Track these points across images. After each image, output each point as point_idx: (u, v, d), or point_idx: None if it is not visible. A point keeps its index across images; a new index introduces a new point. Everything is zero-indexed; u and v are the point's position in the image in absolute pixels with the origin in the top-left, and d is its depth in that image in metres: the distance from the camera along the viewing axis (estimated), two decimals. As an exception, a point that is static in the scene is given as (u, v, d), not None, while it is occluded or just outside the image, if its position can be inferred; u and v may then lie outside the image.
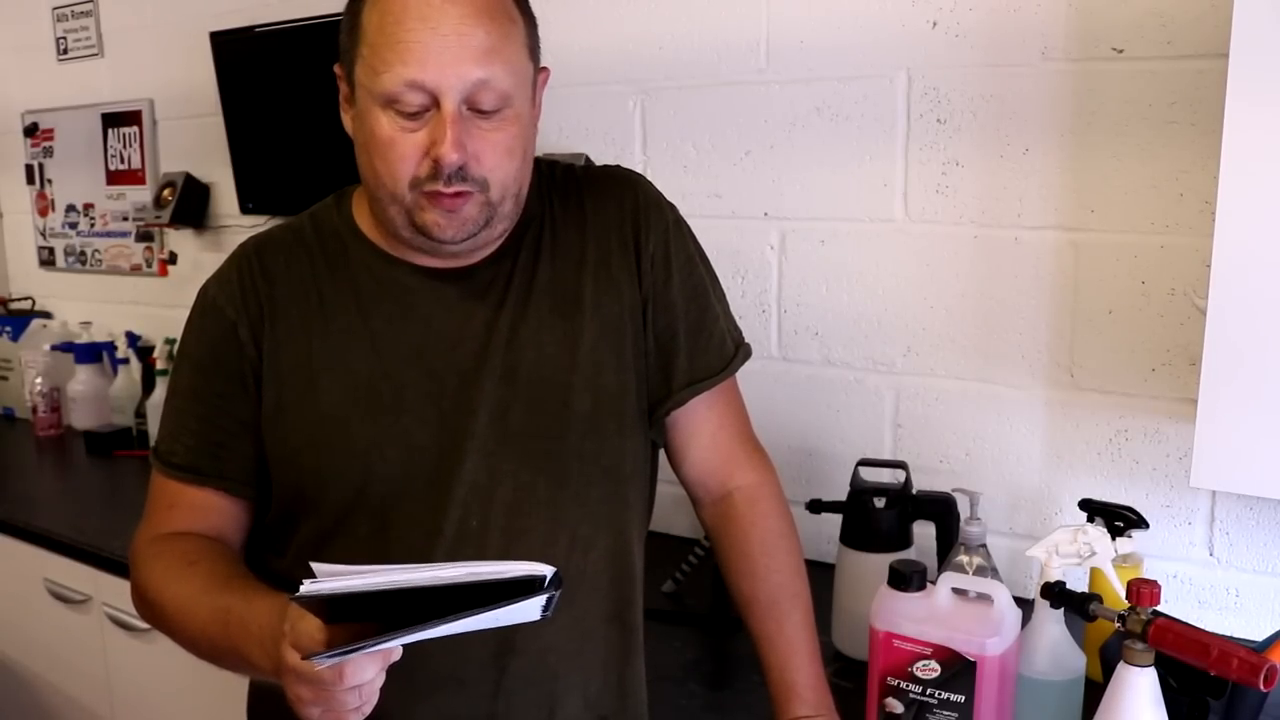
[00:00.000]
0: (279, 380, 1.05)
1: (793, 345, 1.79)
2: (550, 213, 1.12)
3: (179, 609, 1.00)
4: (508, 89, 0.97)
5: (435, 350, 1.05)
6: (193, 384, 1.09)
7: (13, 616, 2.24)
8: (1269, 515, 1.43)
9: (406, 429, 1.04)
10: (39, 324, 2.98)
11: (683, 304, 1.14)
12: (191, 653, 1.01)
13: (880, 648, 1.13)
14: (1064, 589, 1.12)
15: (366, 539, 1.04)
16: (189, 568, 1.01)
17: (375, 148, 0.98)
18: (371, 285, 1.07)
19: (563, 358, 1.08)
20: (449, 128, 0.94)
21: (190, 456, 1.07)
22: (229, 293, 1.07)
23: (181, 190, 2.62)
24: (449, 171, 0.95)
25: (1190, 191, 1.41)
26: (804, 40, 1.70)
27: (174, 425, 1.10)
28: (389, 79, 0.94)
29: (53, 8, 2.92)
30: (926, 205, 1.63)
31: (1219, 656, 0.92)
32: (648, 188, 1.16)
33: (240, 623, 0.91)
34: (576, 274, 1.10)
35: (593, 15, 1.88)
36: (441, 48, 0.93)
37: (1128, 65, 1.44)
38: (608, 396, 1.10)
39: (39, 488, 2.50)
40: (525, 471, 1.06)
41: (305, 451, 1.05)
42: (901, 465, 1.50)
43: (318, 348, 1.05)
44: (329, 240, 1.09)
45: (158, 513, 1.09)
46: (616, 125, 1.91)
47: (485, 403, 1.05)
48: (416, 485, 1.04)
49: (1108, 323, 1.50)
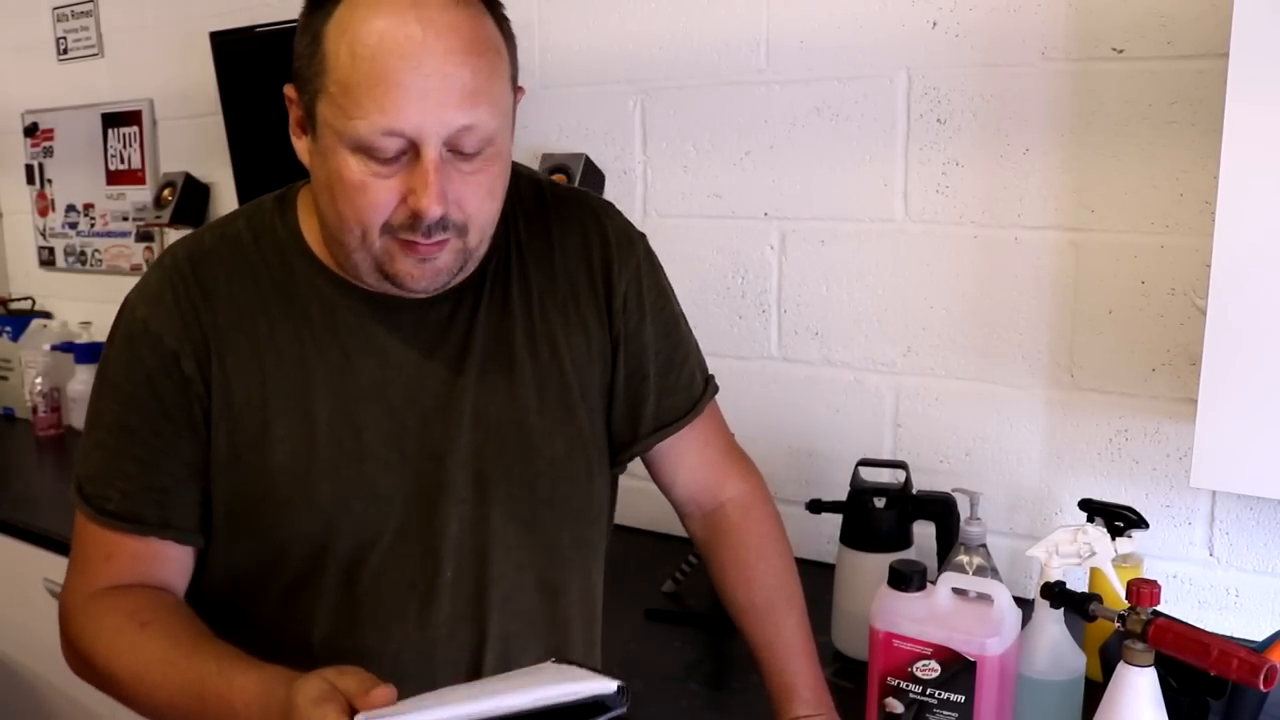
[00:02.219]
0: (230, 421, 0.96)
1: (793, 345, 1.79)
2: (517, 240, 1.05)
3: (136, 678, 0.92)
4: (492, 131, 0.89)
5: (394, 386, 0.99)
6: (124, 421, 0.96)
7: (13, 616, 2.24)
8: (1269, 515, 1.43)
9: (370, 479, 0.98)
10: (39, 324, 2.97)
11: (654, 343, 1.11)
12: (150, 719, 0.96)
13: (880, 648, 1.13)
14: (1064, 589, 1.12)
15: (334, 590, 1.00)
16: (142, 630, 0.92)
17: (341, 191, 0.88)
18: (322, 315, 0.98)
19: (533, 400, 1.03)
20: (431, 177, 0.86)
21: (128, 504, 0.96)
22: (165, 317, 0.96)
23: (181, 190, 2.62)
24: (429, 224, 0.87)
25: (1190, 191, 1.41)
26: (804, 40, 1.70)
27: (102, 465, 0.97)
28: (363, 126, 0.84)
29: (53, 8, 2.92)
30: (926, 205, 1.62)
31: (1219, 656, 0.92)
32: (617, 219, 1.11)
33: (219, 699, 0.85)
34: (544, 313, 1.05)
35: (593, 15, 1.88)
36: (424, 90, 0.83)
37: (1128, 65, 1.44)
38: (579, 440, 1.07)
39: (39, 488, 2.50)
40: (497, 518, 1.02)
41: (263, 506, 0.97)
42: (901, 465, 1.50)
43: (271, 386, 0.96)
44: (272, 256, 0.99)
45: (93, 564, 0.98)
46: (616, 125, 1.91)
47: (454, 448, 1.00)
48: (385, 538, 0.99)
49: (1108, 323, 1.50)
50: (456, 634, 1.03)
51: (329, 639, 1.00)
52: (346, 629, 1.01)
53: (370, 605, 1.00)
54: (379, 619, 1.01)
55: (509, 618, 1.05)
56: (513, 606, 1.05)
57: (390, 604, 1.01)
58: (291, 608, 1.01)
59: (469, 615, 1.03)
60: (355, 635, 1.00)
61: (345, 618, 1.01)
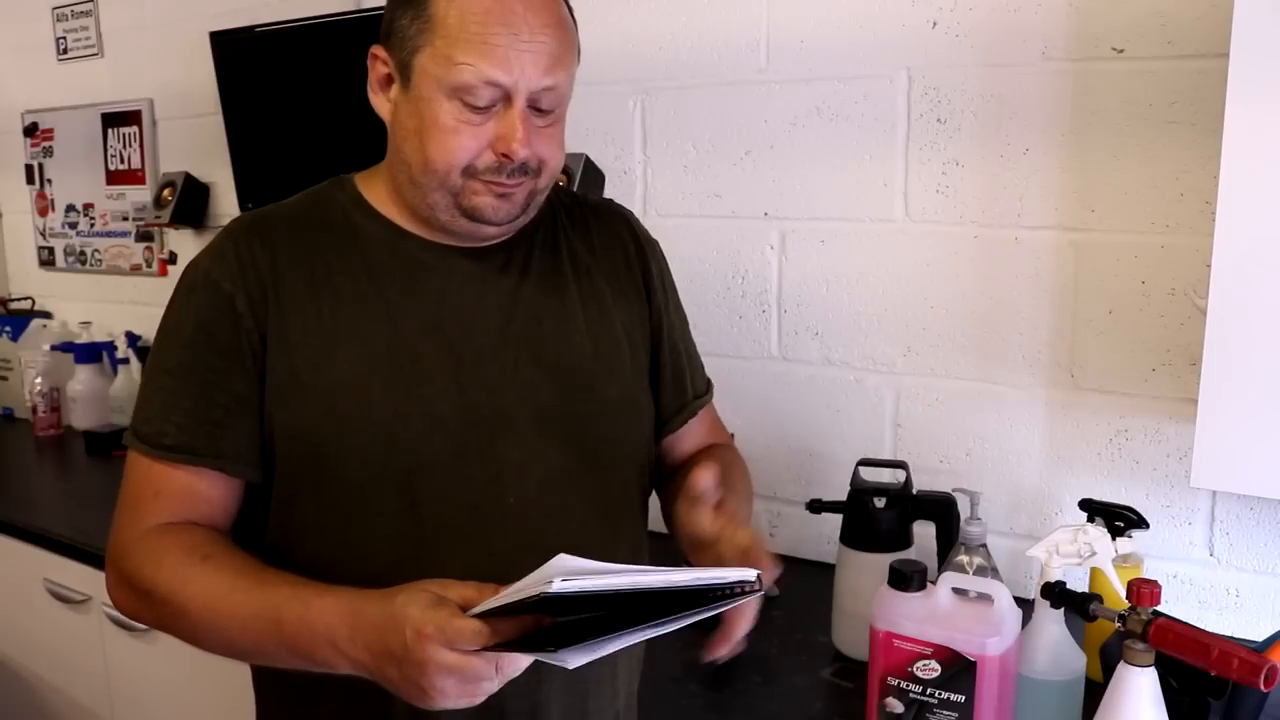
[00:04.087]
0: (288, 351, 1.02)
1: (793, 345, 1.79)
2: (559, 219, 1.15)
3: (206, 608, 0.94)
4: (565, 93, 1.04)
5: (451, 324, 1.05)
6: (181, 361, 1.03)
7: (13, 616, 2.24)
8: (1269, 515, 1.43)
9: (428, 399, 1.03)
10: (39, 324, 2.98)
11: (680, 328, 1.23)
12: (216, 651, 0.97)
13: (881, 648, 1.13)
14: (1064, 589, 1.12)
15: (395, 516, 1.02)
16: (205, 562, 0.96)
17: (433, 133, 0.99)
18: (383, 257, 1.06)
19: (588, 346, 1.10)
20: (520, 127, 0.98)
21: (183, 436, 1.01)
22: (223, 266, 1.03)
23: (181, 190, 2.62)
24: (517, 166, 1.00)
25: (1190, 191, 1.41)
26: (804, 40, 1.70)
27: (160, 405, 1.03)
28: (469, 73, 0.96)
29: (53, 8, 2.92)
30: (927, 205, 1.63)
31: (1219, 656, 0.92)
32: (640, 224, 1.23)
33: (298, 621, 0.88)
34: (591, 280, 1.14)
35: (593, 15, 1.87)
36: (520, 52, 0.97)
37: (1128, 65, 1.44)
38: (630, 391, 1.13)
39: (39, 488, 2.50)
40: (559, 452, 1.06)
41: (324, 423, 1.01)
42: (901, 465, 1.50)
43: (329, 318, 1.03)
44: (333, 214, 1.08)
45: (144, 502, 1.02)
46: (616, 125, 1.91)
47: (513, 383, 1.05)
48: (444, 458, 1.02)
49: (1108, 323, 1.50)
50: (523, 564, 1.03)
51: (392, 569, 0.98)
52: (411, 556, 1.01)
53: (432, 529, 1.02)
54: (441, 544, 1.02)
55: (575, 550, 1.06)
56: (577, 539, 1.05)
57: (454, 527, 1.02)
58: (353, 538, 1.02)
59: (535, 545, 1.02)
60: (419, 563, 0.99)
61: (409, 543, 1.02)
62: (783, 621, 1.56)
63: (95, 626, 2.02)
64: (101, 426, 2.65)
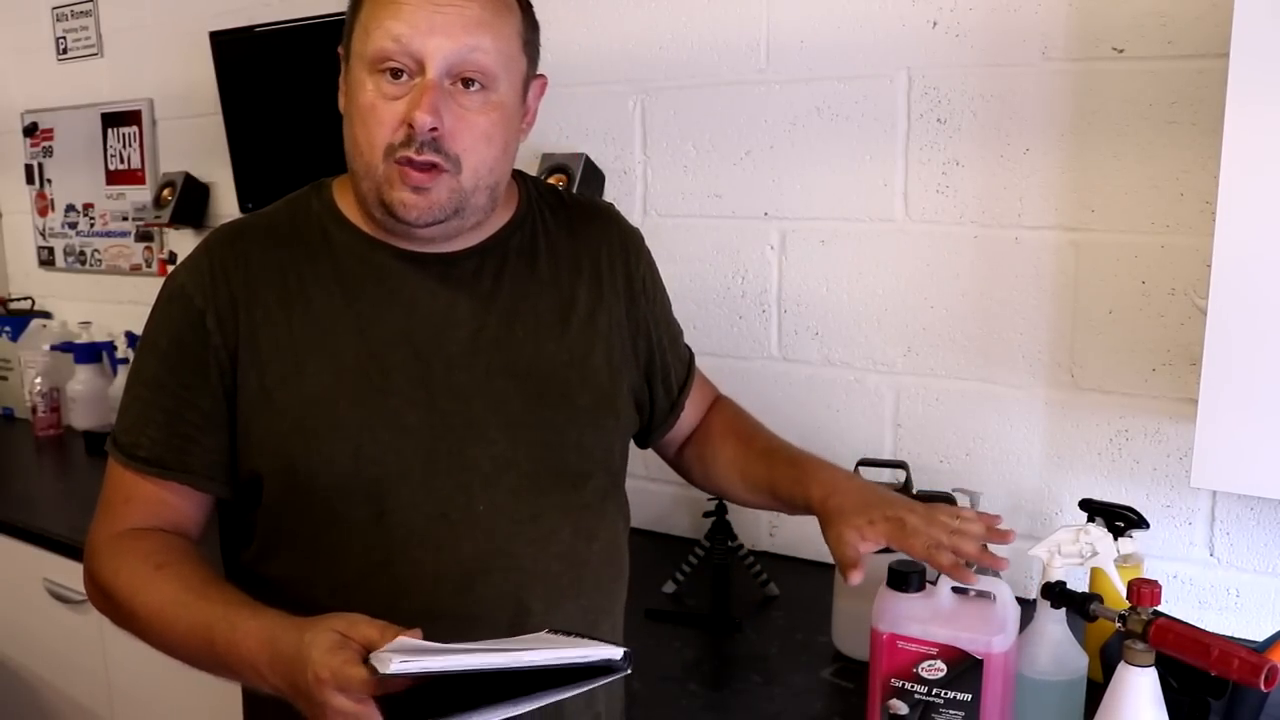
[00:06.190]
0: (258, 366, 1.02)
1: (793, 345, 1.79)
2: (542, 218, 1.14)
3: (152, 616, 0.98)
4: (492, 65, 0.98)
5: (421, 333, 1.05)
6: (156, 374, 1.05)
7: (13, 616, 2.24)
8: (1269, 515, 1.43)
9: (395, 410, 1.03)
10: (39, 324, 2.97)
11: (664, 322, 1.24)
12: (165, 654, 1.00)
13: (884, 650, 1.13)
14: (1065, 589, 1.12)
15: (365, 525, 1.02)
16: (157, 572, 0.99)
17: (357, 115, 0.99)
18: (353, 267, 1.05)
19: (562, 353, 1.09)
20: (428, 93, 0.95)
21: (155, 449, 1.04)
22: (198, 280, 1.04)
23: (181, 190, 2.62)
24: (421, 136, 0.95)
25: (1190, 191, 1.41)
26: (804, 40, 1.70)
27: (136, 416, 1.06)
28: (378, 35, 0.95)
29: (53, 8, 2.92)
30: (927, 205, 1.62)
31: (1219, 656, 0.92)
32: (623, 218, 1.23)
33: (227, 643, 0.91)
34: (571, 280, 1.12)
35: (593, 15, 1.88)
36: (432, 12, 0.95)
37: (1128, 65, 1.44)
38: (604, 395, 1.12)
39: (39, 488, 2.50)
40: (529, 460, 1.06)
41: (292, 436, 1.02)
42: (901, 465, 1.50)
43: (300, 331, 1.03)
44: (308, 224, 1.08)
45: (116, 506, 1.06)
46: (616, 125, 1.90)
47: (482, 392, 1.05)
48: (413, 468, 1.02)
49: (1108, 323, 1.50)
50: (493, 570, 1.04)
51: (362, 578, 1.02)
52: (381, 565, 1.02)
53: (401, 537, 1.02)
54: (410, 551, 1.02)
55: (549, 557, 1.07)
56: (550, 547, 1.07)
57: (422, 535, 1.02)
58: (324, 547, 1.03)
59: (506, 550, 1.05)
60: (390, 570, 1.02)
61: (379, 552, 1.02)
62: (783, 621, 1.56)
63: (95, 626, 2.02)
64: (101, 426, 2.65)
